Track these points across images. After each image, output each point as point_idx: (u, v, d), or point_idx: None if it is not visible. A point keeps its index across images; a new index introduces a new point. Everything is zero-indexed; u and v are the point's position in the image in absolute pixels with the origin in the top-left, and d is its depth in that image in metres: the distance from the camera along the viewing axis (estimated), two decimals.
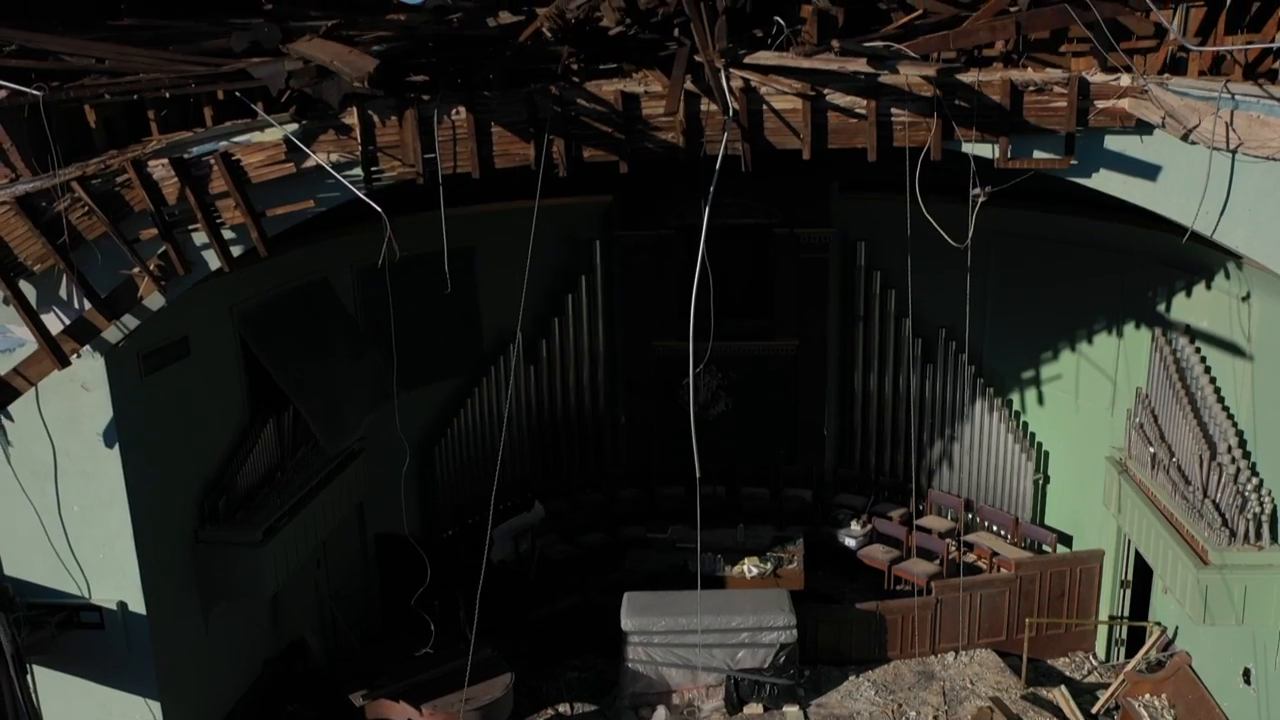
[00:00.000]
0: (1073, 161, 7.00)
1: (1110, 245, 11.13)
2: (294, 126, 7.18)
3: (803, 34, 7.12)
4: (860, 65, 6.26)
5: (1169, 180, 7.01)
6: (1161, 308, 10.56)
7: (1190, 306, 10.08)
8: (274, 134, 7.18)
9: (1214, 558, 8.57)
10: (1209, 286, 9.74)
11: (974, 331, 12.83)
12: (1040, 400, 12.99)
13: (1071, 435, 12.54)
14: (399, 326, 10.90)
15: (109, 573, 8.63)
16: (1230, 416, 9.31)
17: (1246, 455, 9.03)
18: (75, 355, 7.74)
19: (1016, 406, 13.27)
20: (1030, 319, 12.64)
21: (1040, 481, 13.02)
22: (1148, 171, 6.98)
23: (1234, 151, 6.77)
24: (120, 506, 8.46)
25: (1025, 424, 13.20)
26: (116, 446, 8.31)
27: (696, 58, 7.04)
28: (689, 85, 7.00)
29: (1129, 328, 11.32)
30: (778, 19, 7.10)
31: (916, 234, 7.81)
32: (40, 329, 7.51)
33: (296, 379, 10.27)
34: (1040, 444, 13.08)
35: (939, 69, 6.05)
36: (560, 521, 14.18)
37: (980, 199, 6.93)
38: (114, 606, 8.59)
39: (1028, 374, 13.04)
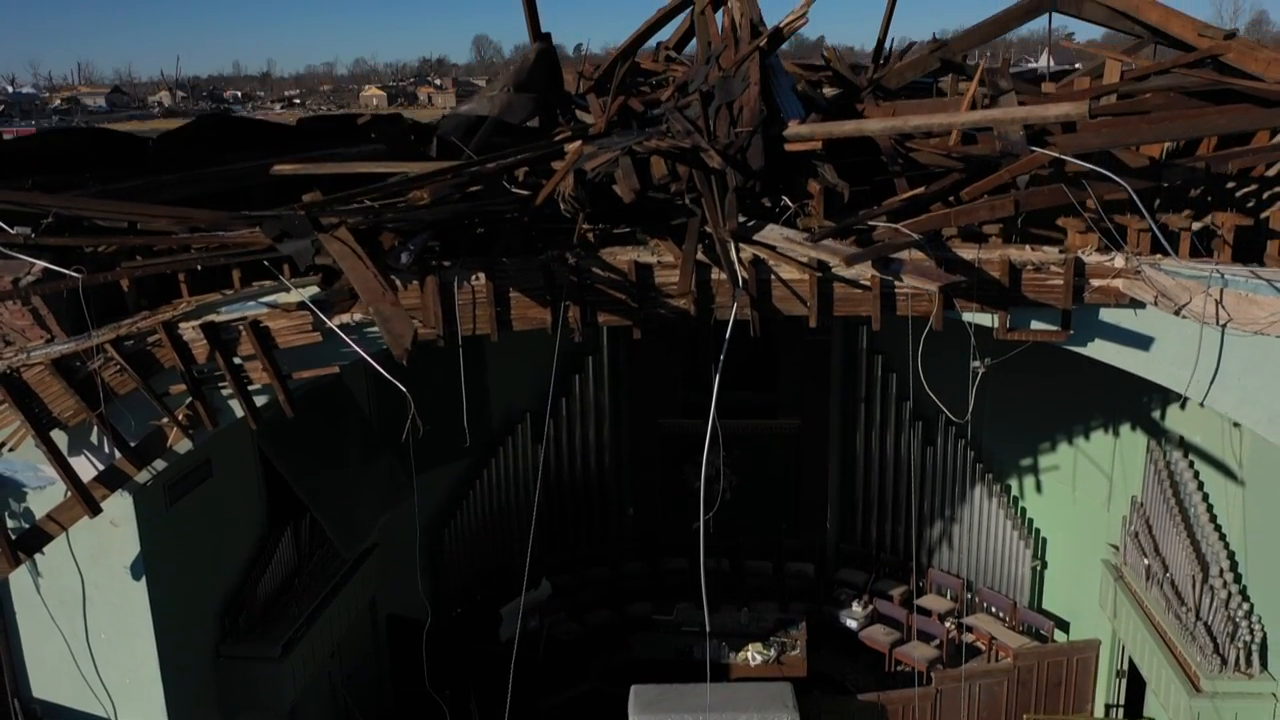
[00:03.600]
0: (1070, 333, 7.28)
1: None
2: (316, 290, 7.45)
3: (810, 208, 7.39)
4: (865, 268, 6.53)
5: (1161, 350, 7.29)
6: (1156, 414, 10.83)
7: (1185, 419, 10.35)
8: (298, 296, 7.45)
9: (1206, 685, 8.86)
10: (1202, 403, 9.99)
11: (973, 417, 13.05)
12: (1038, 488, 13.26)
13: (1068, 525, 12.82)
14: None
15: (134, 696, 8.91)
16: (1222, 537, 9.59)
17: (1238, 579, 9.31)
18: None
19: (1015, 492, 13.55)
20: (1029, 408, 12.89)
21: (1038, 568, 13.30)
22: (1141, 343, 7.26)
23: (1223, 326, 7.04)
24: (146, 634, 8.75)
25: (1023, 510, 13.48)
26: (143, 579, 8.59)
27: (706, 228, 7.32)
28: (699, 256, 7.27)
29: (1125, 428, 11.59)
30: (785, 199, 7.39)
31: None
32: (72, 478, 7.79)
33: (313, 488, 10.53)
34: (1038, 530, 13.36)
35: (942, 285, 6.31)
36: (567, 599, 14.45)
37: (980, 372, 7.19)
38: None
39: (1026, 462, 13.32)
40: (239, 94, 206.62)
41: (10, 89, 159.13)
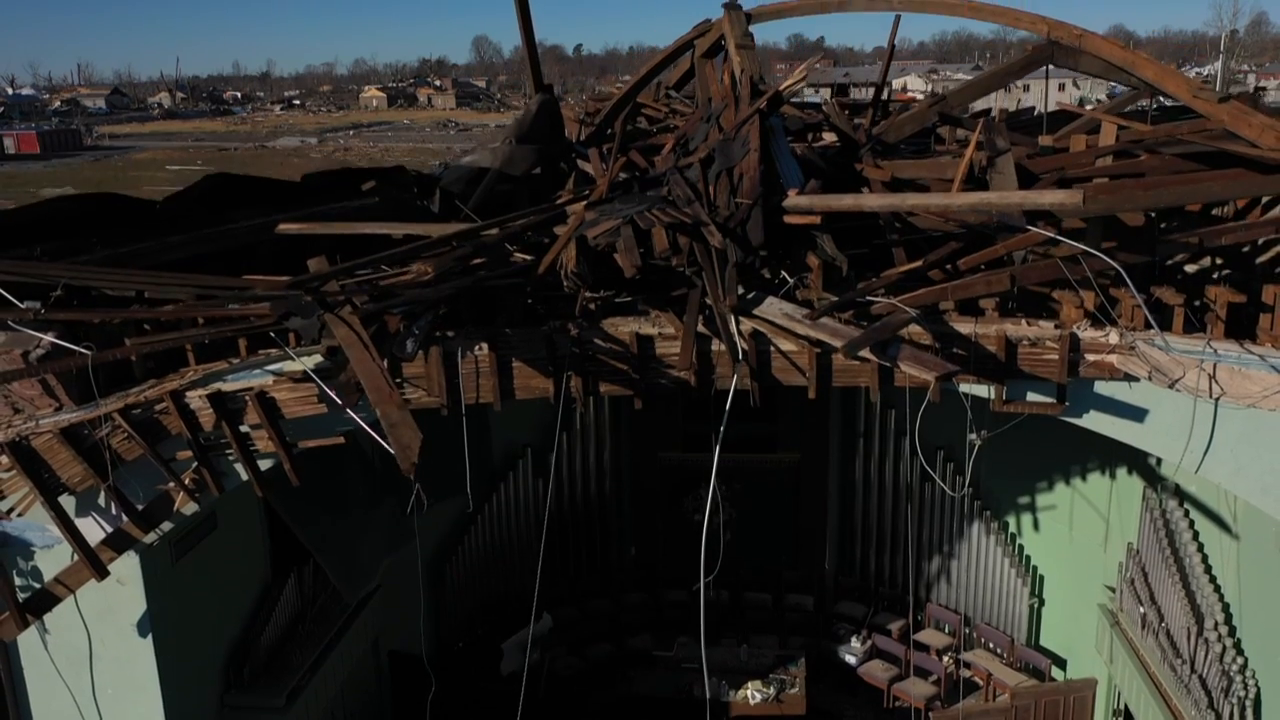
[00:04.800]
0: (1065, 405, 7.38)
1: None
2: (321, 359, 7.55)
3: (809, 281, 7.48)
4: (865, 353, 6.64)
5: (1156, 422, 7.39)
6: (1153, 460, 10.92)
7: (1181, 467, 10.43)
8: (303, 366, 7.54)
9: None
10: (1196, 472, 10.08)
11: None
12: (1035, 526, 13.37)
13: (1065, 564, 12.93)
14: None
15: None
16: (1218, 589, 9.68)
17: (1232, 632, 9.40)
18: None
19: (1012, 529, 13.65)
20: (1026, 446, 12.90)
21: (1035, 605, 13.40)
22: (1135, 415, 7.36)
23: (1216, 400, 7.14)
24: (152, 689, 8.83)
25: (1021, 547, 13.58)
26: (150, 635, 8.69)
27: (706, 300, 7.41)
28: (699, 327, 7.37)
29: (1121, 472, 11.69)
30: (784, 273, 7.49)
31: None
32: (79, 542, 7.88)
33: (318, 535, 10.62)
34: (1035, 568, 13.46)
35: (939, 376, 6.40)
36: (568, 632, 14.55)
37: (978, 444, 7.29)
38: None
39: (1023, 499, 13.42)
40: (238, 94, 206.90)
41: (10, 91, 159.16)
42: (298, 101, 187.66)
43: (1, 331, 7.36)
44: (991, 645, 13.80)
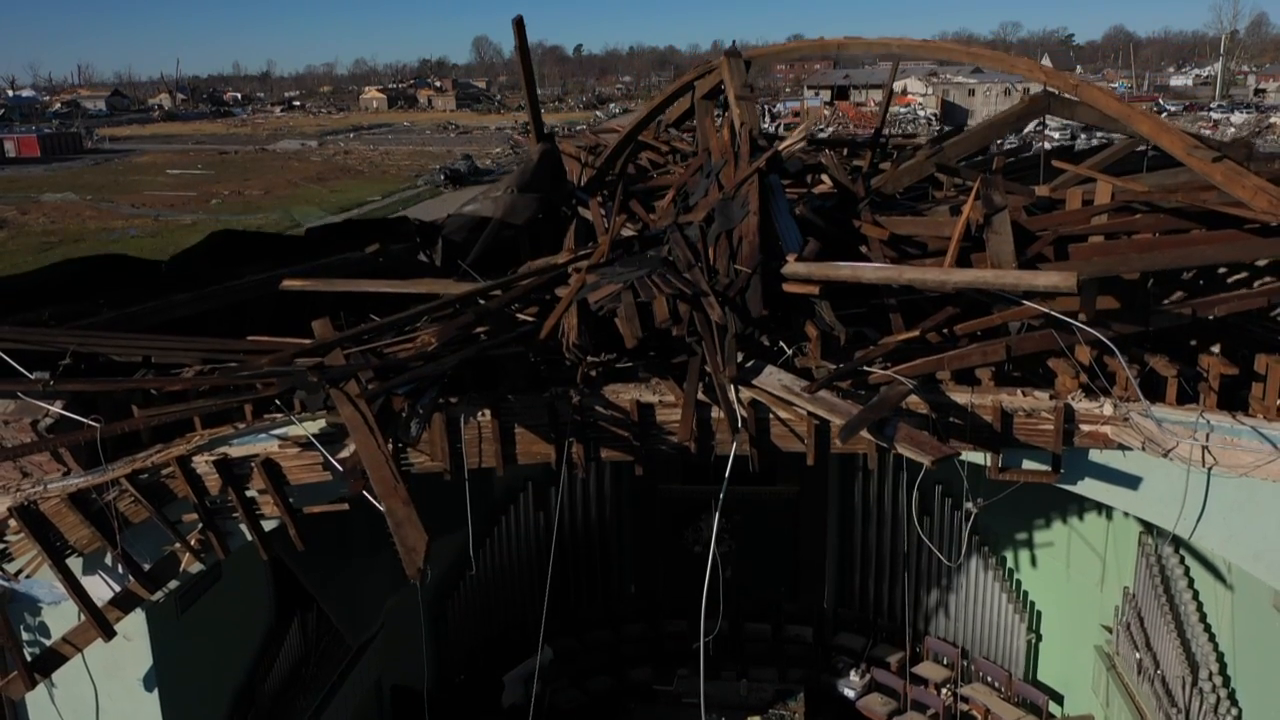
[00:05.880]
0: (1060, 473, 7.48)
1: None
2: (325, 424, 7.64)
3: (808, 350, 7.58)
4: (863, 437, 6.74)
5: (1149, 490, 7.48)
6: None
7: None
8: (307, 431, 7.64)
9: None
10: (1189, 539, 10.18)
11: (969, 489, 13.27)
12: (1033, 562, 13.46)
13: (1062, 600, 13.02)
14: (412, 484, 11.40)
15: None
16: (1212, 638, 9.78)
17: (1227, 682, 9.50)
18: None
19: (1010, 564, 13.74)
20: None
21: (1033, 641, 13.50)
22: (1130, 482, 7.45)
23: (1209, 469, 7.24)
24: None
25: (1019, 582, 13.67)
26: (156, 690, 8.78)
27: (706, 368, 7.51)
28: (699, 395, 7.47)
29: (1118, 513, 11.77)
30: (782, 343, 7.59)
31: None
32: (87, 603, 7.97)
33: (322, 580, 10.72)
34: (1032, 603, 13.55)
35: (935, 460, 6.49)
36: (568, 664, 14.65)
37: (974, 513, 7.39)
38: None
39: (1021, 535, 13.51)
40: (239, 95, 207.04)
41: (10, 92, 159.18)
42: (298, 103, 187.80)
43: (10, 400, 7.45)
44: (989, 679, 13.89)
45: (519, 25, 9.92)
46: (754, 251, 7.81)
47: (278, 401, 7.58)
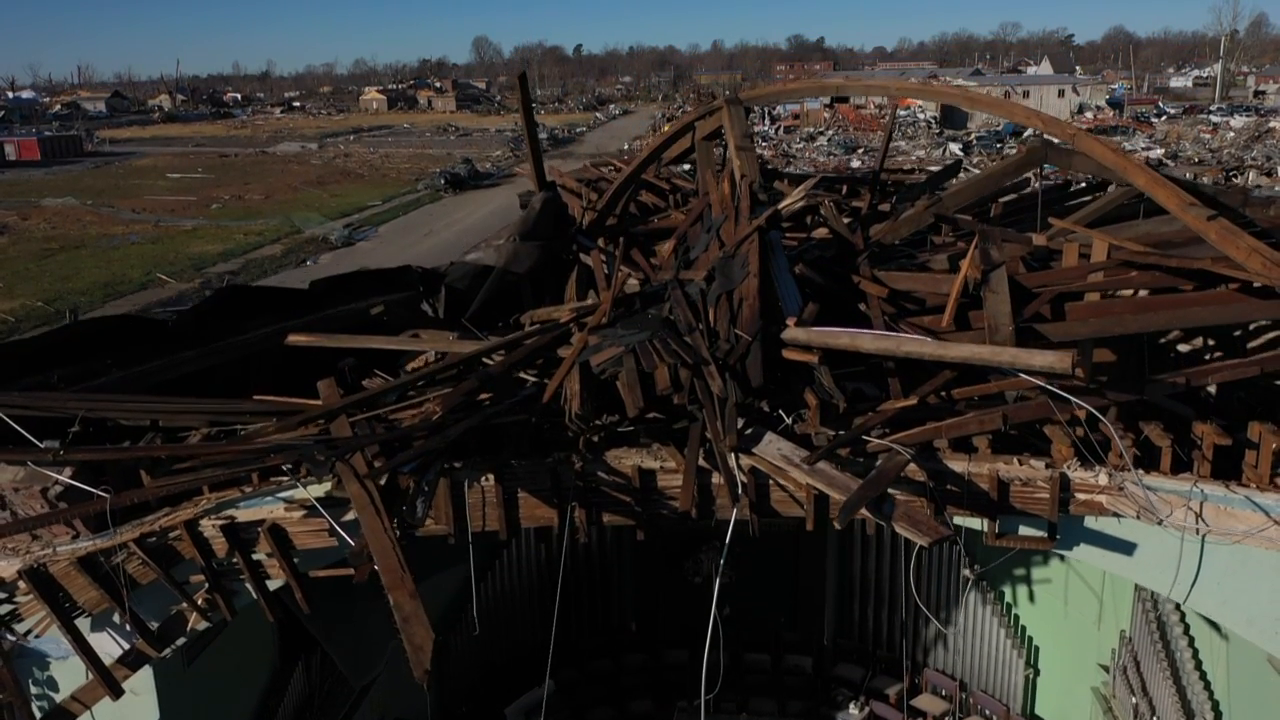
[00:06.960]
0: (1056, 540, 7.59)
1: None
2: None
3: (807, 417, 7.68)
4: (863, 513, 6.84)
5: (1144, 556, 7.58)
6: None
7: None
8: (311, 496, 7.74)
9: None
10: (1183, 604, 10.25)
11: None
12: (1031, 598, 13.55)
13: (1060, 637, 13.12)
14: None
15: None
16: (1208, 687, 9.88)
17: None
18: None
19: (1008, 599, 13.84)
20: None
21: (1031, 676, 13.60)
22: (1125, 548, 7.56)
23: (1203, 537, 7.34)
24: None
25: (1017, 617, 13.77)
26: None
27: (707, 434, 7.61)
28: (700, 461, 7.57)
29: None
30: (780, 411, 7.69)
31: None
32: (95, 662, 8.08)
33: (326, 624, 10.82)
34: (1030, 639, 13.65)
35: (931, 541, 6.60)
36: (569, 696, 14.75)
37: (971, 579, 7.48)
38: None
39: (1019, 571, 13.60)
40: (239, 96, 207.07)
41: (10, 93, 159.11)
42: (298, 104, 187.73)
43: (20, 467, 7.56)
44: (987, 713, 13.99)
45: (522, 80, 10.02)
46: (754, 316, 7.90)
47: (285, 467, 7.68)
